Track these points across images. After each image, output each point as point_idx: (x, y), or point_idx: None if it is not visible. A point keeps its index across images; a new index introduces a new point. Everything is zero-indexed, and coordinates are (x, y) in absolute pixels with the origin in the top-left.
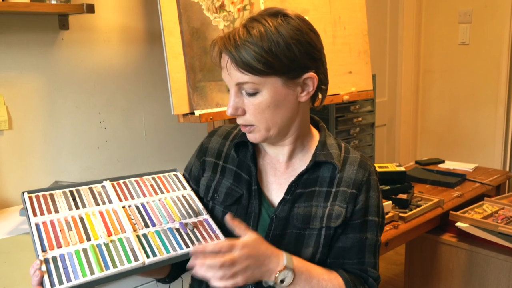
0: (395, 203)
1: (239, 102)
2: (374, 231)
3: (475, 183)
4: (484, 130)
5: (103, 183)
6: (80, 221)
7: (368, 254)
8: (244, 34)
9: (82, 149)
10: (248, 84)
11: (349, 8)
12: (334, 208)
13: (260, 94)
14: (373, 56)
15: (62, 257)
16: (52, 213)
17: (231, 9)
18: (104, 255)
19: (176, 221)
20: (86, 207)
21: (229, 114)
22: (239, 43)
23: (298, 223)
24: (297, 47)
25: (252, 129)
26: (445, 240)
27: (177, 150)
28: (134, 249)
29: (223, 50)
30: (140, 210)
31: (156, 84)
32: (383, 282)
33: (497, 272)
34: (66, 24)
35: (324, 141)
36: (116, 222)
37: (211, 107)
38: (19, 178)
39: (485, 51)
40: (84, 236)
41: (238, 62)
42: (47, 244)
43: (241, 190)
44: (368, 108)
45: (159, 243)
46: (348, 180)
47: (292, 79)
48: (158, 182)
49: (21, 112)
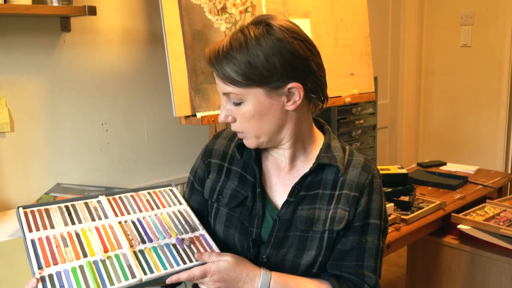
0: (397, 205)
1: (229, 110)
2: (375, 234)
3: (477, 185)
4: (486, 132)
5: (99, 198)
6: (76, 237)
7: (368, 257)
8: (226, 46)
9: (84, 151)
10: (232, 94)
11: (351, 10)
12: (338, 212)
13: (244, 104)
14: (375, 58)
15: (58, 274)
16: (48, 229)
17: (233, 11)
18: (101, 272)
19: (173, 236)
20: (82, 222)
21: (220, 121)
22: (221, 56)
23: (301, 226)
24: (277, 58)
25: (244, 135)
26: (447, 242)
27: (179, 152)
28: (131, 266)
29: (208, 63)
30: (136, 225)
31: (158, 86)
32: (385, 284)
33: (499, 274)
34: (68, 26)
35: (328, 144)
36: (113, 237)
37: (213, 109)
38: (21, 181)
39: (487, 54)
40: (81, 253)
41: (220, 75)
42: (43, 261)
43: (246, 192)
44: (370, 110)
45: (156, 259)
46: (351, 183)
47: (275, 89)
48: (154, 198)
49: (23, 115)
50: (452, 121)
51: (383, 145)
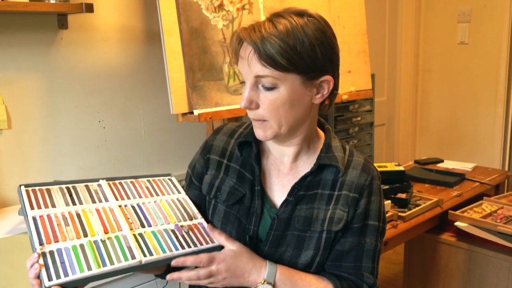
0: (394, 202)
1: (254, 96)
2: (373, 235)
3: (474, 182)
4: (483, 129)
5: (99, 182)
6: (77, 217)
7: (366, 258)
8: (270, 27)
9: (81, 148)
10: (268, 78)
11: (348, 7)
12: (336, 212)
13: (277, 89)
14: (372, 56)
15: (59, 251)
16: (49, 208)
17: (230, 8)
18: (101, 251)
19: (171, 223)
20: (83, 204)
21: (242, 107)
22: (264, 35)
23: (299, 225)
24: (320, 48)
25: (264, 124)
26: (444, 239)
27: (176, 149)
28: (131, 247)
29: (247, 40)
30: (136, 210)
31: (155, 84)
32: (382, 281)
33: (496, 271)
34: (65, 23)
35: (329, 144)
36: (113, 220)
37: (210, 107)
38: (18, 178)
39: (484, 51)
40: (81, 232)
41: (262, 55)
42: (44, 238)
43: (244, 190)
44: (367, 108)
45: (155, 243)
46: (350, 184)
47: (310, 80)
48: (153, 185)
49: (20, 112)
50: (449, 118)
51: (380, 143)
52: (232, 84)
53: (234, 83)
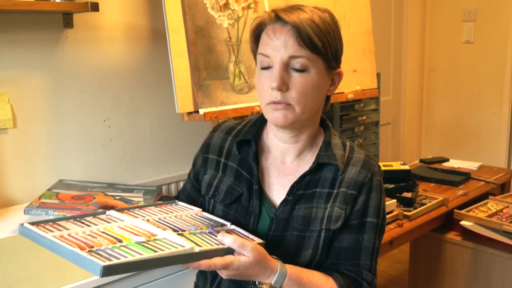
0: (400, 201)
1: (285, 76)
2: (372, 233)
3: (479, 181)
4: (489, 128)
5: (107, 213)
6: (102, 233)
7: (364, 256)
8: (301, 12)
9: (86, 147)
10: (302, 59)
11: (354, 7)
12: (334, 210)
13: (308, 72)
14: (377, 55)
15: (100, 250)
16: (65, 230)
17: (236, 7)
18: (148, 246)
19: (204, 229)
20: (99, 225)
21: (274, 87)
22: (302, 18)
23: (298, 225)
24: (339, 41)
25: (287, 108)
26: (450, 238)
27: (182, 148)
28: (178, 243)
29: (287, 20)
30: (161, 222)
31: (160, 83)
32: (387, 280)
33: (501, 270)
34: (70, 22)
35: (328, 141)
36: (143, 230)
37: (216, 106)
38: (24, 177)
39: (489, 50)
40: (115, 240)
41: (302, 34)
42: (76, 247)
43: (241, 189)
44: (372, 107)
45: (200, 240)
46: (349, 181)
47: (330, 69)
48: (163, 209)
49: (26, 111)
50: (455, 118)
51: (386, 142)
52: (237, 83)
53: (240, 82)
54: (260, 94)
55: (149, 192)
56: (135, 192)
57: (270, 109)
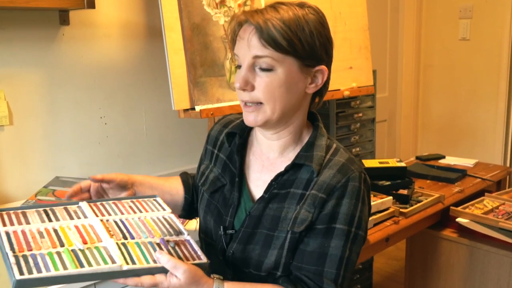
0: (396, 198)
1: (250, 77)
2: (340, 240)
3: (475, 178)
4: (485, 125)
5: (79, 204)
6: (53, 231)
7: (329, 263)
8: (272, 12)
9: (82, 144)
10: (267, 58)
11: (350, 3)
12: (301, 212)
13: (274, 72)
14: (373, 52)
15: (33, 255)
16: (23, 224)
17: (232, 4)
18: (79, 257)
19: (156, 237)
20: (60, 221)
21: (237, 87)
22: (267, 17)
23: (268, 224)
24: (318, 38)
25: (257, 108)
26: (446, 235)
27: (178, 145)
28: (112, 256)
29: (249, 20)
30: (118, 224)
31: (156, 80)
32: (384, 277)
33: (497, 267)
34: (66, 19)
35: (312, 142)
36: (92, 233)
37: (212, 103)
38: (20, 174)
39: (485, 47)
40: (58, 243)
41: (264, 34)
42: (16, 247)
43: (224, 180)
44: (368, 104)
45: (139, 253)
46: (321, 184)
47: (306, 67)
48: (137, 204)
49: (22, 108)
50: (451, 114)
51: (382, 139)
52: (233, 80)
53: None
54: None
55: None
56: None
57: (243, 109)
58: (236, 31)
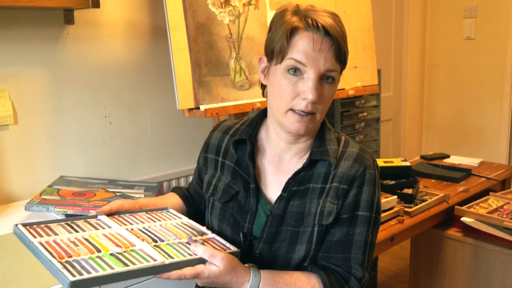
0: (400, 197)
1: (320, 88)
2: (364, 226)
3: (480, 178)
4: (489, 124)
5: (98, 217)
6: (85, 241)
7: (355, 249)
8: (338, 26)
9: (87, 144)
10: (335, 72)
11: (354, 3)
12: (326, 205)
13: (335, 83)
14: (378, 51)
15: (75, 261)
16: (52, 236)
17: (236, 4)
18: (121, 259)
19: (184, 238)
20: (86, 231)
21: (311, 100)
22: (340, 33)
23: (292, 221)
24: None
25: (312, 118)
26: (450, 234)
27: (183, 145)
28: (151, 255)
29: (333, 34)
30: (143, 231)
31: (161, 79)
32: (388, 277)
33: (502, 266)
34: (71, 18)
35: (323, 137)
36: (123, 239)
37: (216, 102)
38: (24, 173)
39: (490, 46)
40: (94, 249)
41: (341, 52)
42: (56, 255)
43: (238, 187)
44: (373, 103)
45: (175, 251)
46: (341, 176)
47: None
48: (153, 216)
49: (26, 107)
50: (456, 114)
51: (387, 138)
52: (238, 79)
53: (240, 78)
54: (281, 97)
55: (150, 188)
56: (136, 189)
57: (292, 117)
58: (303, 35)
